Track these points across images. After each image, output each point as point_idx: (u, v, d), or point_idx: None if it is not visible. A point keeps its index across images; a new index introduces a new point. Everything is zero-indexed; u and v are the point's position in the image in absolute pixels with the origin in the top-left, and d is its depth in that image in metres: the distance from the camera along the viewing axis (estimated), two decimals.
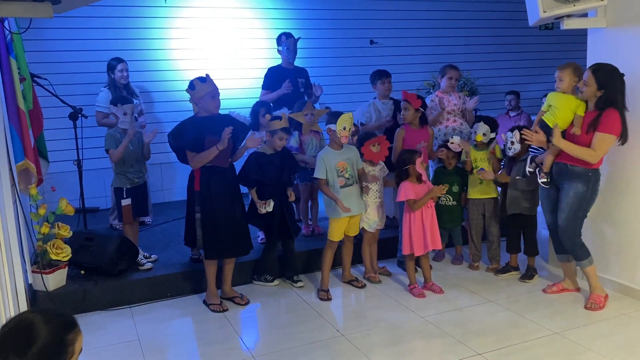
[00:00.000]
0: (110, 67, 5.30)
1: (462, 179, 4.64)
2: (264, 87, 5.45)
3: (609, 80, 3.55)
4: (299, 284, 4.40)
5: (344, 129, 4.05)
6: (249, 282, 4.44)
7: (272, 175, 4.11)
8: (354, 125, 4.37)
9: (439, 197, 4.60)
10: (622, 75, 3.58)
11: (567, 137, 3.74)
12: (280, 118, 4.15)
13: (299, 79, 5.42)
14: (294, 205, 4.64)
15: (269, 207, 4.05)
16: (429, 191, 4.10)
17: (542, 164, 3.95)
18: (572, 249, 3.83)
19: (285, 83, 5.27)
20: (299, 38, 5.53)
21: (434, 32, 7.81)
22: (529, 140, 3.81)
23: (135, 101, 5.06)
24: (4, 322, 1.67)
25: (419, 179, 4.16)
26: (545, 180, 3.90)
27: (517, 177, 4.21)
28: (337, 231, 4.17)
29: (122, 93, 5.18)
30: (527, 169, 4.05)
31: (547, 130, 3.80)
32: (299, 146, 4.84)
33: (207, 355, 3.42)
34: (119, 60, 5.29)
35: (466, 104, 5.07)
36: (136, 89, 5.52)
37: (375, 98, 5.08)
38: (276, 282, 4.41)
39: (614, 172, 3.98)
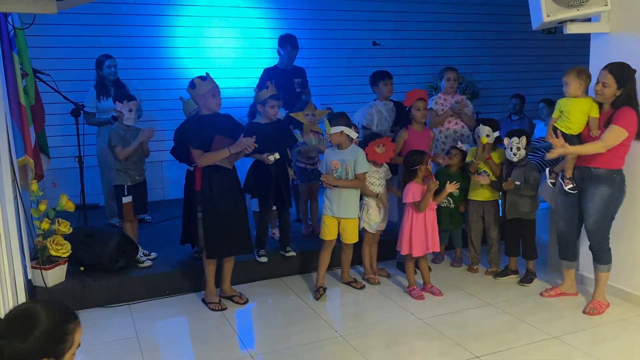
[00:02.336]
0: (98, 64, 5.26)
1: (464, 183, 4.62)
2: (260, 87, 5.42)
3: (627, 78, 3.55)
4: (290, 253, 4.53)
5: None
6: (248, 281, 4.44)
7: (267, 145, 4.09)
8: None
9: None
10: (634, 71, 3.58)
11: (586, 140, 3.71)
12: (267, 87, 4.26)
13: (295, 79, 5.40)
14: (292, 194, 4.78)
15: (276, 155, 4.11)
16: (427, 188, 4.08)
17: (561, 172, 3.92)
18: (599, 251, 3.80)
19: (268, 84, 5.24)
20: (300, 43, 5.51)
21: (437, 34, 7.82)
22: (557, 151, 3.65)
23: (137, 99, 5.05)
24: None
25: (424, 180, 4.15)
26: (571, 186, 3.81)
27: (516, 182, 4.21)
28: (326, 230, 4.18)
29: (110, 90, 5.17)
30: (549, 180, 4.02)
31: (565, 136, 3.75)
32: (303, 142, 4.87)
33: (205, 354, 3.42)
34: (107, 56, 5.25)
35: (463, 110, 5.04)
36: (129, 85, 5.42)
37: (375, 100, 5.07)
38: (264, 259, 4.43)
39: None
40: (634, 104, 3.57)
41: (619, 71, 3.56)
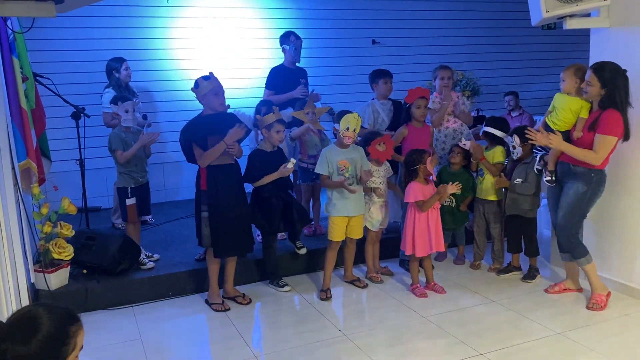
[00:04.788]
0: (114, 68, 5.27)
1: (467, 182, 4.61)
2: (268, 87, 5.41)
3: (612, 79, 3.54)
4: (302, 250, 4.58)
5: (347, 129, 4.03)
6: (251, 281, 4.44)
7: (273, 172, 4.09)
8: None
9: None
10: (625, 71, 3.57)
11: (572, 139, 3.75)
12: (264, 114, 4.16)
13: (301, 79, 5.41)
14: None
15: (292, 160, 4.10)
16: (437, 191, 4.08)
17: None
18: (568, 247, 3.83)
19: (300, 87, 5.22)
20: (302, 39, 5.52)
21: (436, 32, 7.81)
22: (532, 140, 3.75)
23: (133, 99, 5.06)
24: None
25: (426, 179, 4.14)
26: (549, 178, 3.91)
27: (517, 179, 4.20)
28: (336, 231, 4.16)
29: (124, 92, 5.18)
30: (536, 166, 4.07)
31: (552, 131, 3.79)
32: (301, 144, 4.85)
33: (209, 355, 3.43)
34: (122, 59, 5.29)
35: (456, 106, 5.01)
36: (134, 88, 5.48)
37: (374, 99, 5.06)
38: (287, 288, 4.32)
39: (615, 172, 3.95)
40: (619, 105, 3.56)
41: (604, 71, 3.55)
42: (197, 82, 3.78)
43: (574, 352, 3.28)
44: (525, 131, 3.79)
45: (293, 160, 4.10)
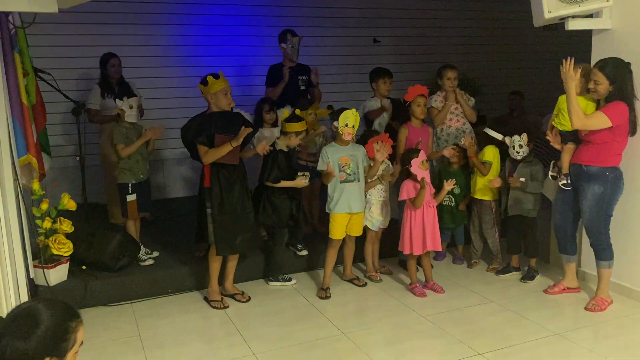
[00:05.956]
0: (102, 62, 5.23)
1: (466, 181, 4.61)
2: (267, 84, 5.43)
3: (618, 73, 3.55)
4: (302, 252, 4.59)
5: (346, 125, 4.04)
6: (250, 279, 4.44)
7: (284, 173, 4.13)
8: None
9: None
10: (629, 64, 3.58)
11: (582, 137, 3.73)
12: (295, 118, 4.17)
13: (300, 77, 5.41)
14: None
15: (306, 174, 4.19)
16: (421, 185, 4.04)
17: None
18: (598, 248, 3.81)
19: (283, 69, 5.23)
20: (302, 37, 5.51)
21: (437, 31, 7.80)
22: (555, 145, 3.78)
23: (137, 95, 5.04)
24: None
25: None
26: (565, 182, 3.86)
27: (521, 179, 4.20)
28: (337, 229, 4.16)
29: (114, 88, 5.15)
30: (550, 173, 4.03)
31: (559, 134, 3.83)
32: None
33: (208, 352, 3.42)
34: (111, 55, 5.22)
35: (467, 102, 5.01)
36: (132, 85, 5.39)
37: (373, 97, 5.06)
38: (294, 281, 4.36)
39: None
40: (627, 97, 3.56)
41: (608, 67, 3.56)
42: (205, 79, 3.77)
43: (573, 352, 3.29)
44: (545, 139, 3.84)
45: (307, 174, 4.18)
